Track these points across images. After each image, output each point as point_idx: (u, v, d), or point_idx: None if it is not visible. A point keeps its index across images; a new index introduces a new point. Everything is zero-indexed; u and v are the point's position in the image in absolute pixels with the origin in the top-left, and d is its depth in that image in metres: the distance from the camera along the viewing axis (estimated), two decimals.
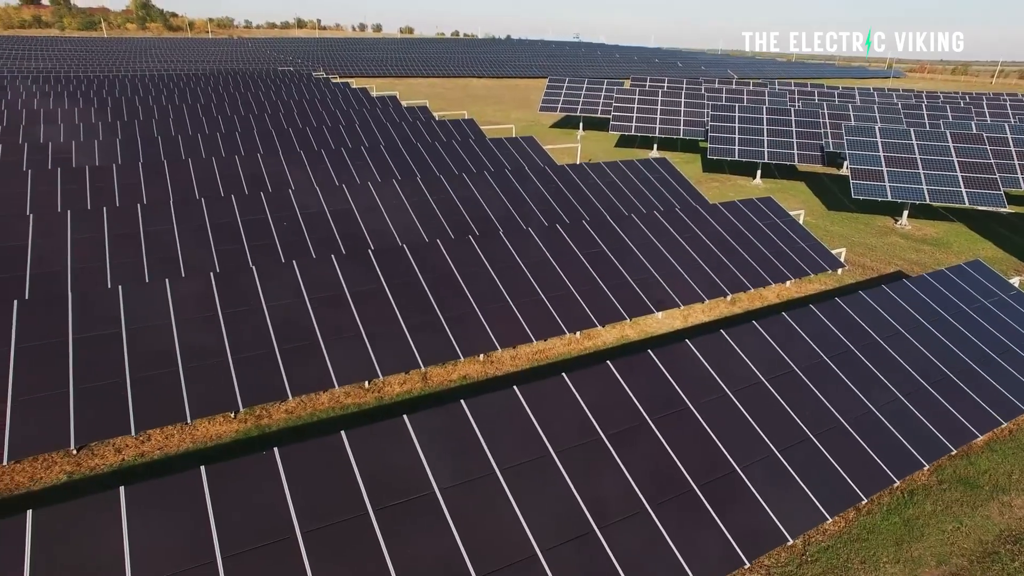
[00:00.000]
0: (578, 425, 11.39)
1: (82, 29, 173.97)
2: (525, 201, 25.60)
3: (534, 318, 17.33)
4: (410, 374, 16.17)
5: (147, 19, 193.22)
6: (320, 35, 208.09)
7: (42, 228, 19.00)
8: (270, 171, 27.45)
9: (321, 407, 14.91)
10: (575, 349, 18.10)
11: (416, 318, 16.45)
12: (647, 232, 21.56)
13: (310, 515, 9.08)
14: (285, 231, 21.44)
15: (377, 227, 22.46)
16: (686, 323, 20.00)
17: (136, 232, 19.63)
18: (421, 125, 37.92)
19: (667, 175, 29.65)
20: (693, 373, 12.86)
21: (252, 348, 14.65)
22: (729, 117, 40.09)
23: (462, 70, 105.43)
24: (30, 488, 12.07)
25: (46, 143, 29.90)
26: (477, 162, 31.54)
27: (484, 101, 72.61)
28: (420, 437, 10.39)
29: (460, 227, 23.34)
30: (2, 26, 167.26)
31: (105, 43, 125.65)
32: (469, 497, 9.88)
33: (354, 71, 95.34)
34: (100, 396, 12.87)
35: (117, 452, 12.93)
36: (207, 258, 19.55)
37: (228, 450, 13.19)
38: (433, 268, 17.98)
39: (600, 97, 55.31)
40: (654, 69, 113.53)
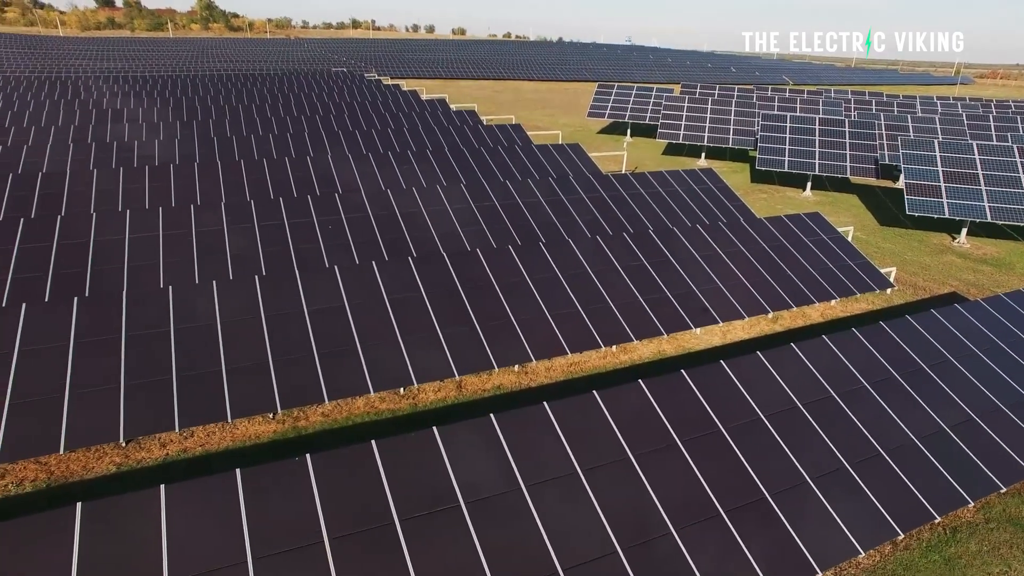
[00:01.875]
0: (607, 444, 11.38)
1: (150, 30, 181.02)
2: (568, 210, 25.60)
3: (570, 330, 17.36)
4: (445, 382, 16.39)
5: (210, 20, 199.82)
6: (374, 36, 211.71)
7: (103, 225, 19.92)
8: (319, 174, 28.13)
9: (357, 411, 15.24)
10: (610, 362, 18.04)
11: (453, 327, 16.66)
12: (689, 246, 21.33)
13: (338, 522, 9.34)
14: (330, 234, 21.96)
15: (419, 232, 22.80)
16: (725, 340, 19.72)
17: (188, 231, 20.41)
18: (468, 130, 38.26)
19: (713, 187, 29.24)
20: (726, 395, 12.69)
21: (292, 351, 15.08)
22: (780, 127, 39.27)
23: (512, 72, 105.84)
24: (83, 476, 12.71)
25: (112, 142, 31.30)
26: (522, 169, 31.67)
27: (533, 105, 72.74)
28: (449, 450, 10.56)
29: (502, 235, 23.51)
30: (81, 28, 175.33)
31: (171, 43, 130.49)
32: (495, 512, 9.99)
33: (405, 73, 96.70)
34: (148, 392, 13.46)
35: (162, 447, 13.50)
36: (254, 259, 20.18)
37: (266, 450, 13.62)
38: (472, 277, 18.17)
39: (649, 103, 54.84)
40: (706, 74, 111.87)
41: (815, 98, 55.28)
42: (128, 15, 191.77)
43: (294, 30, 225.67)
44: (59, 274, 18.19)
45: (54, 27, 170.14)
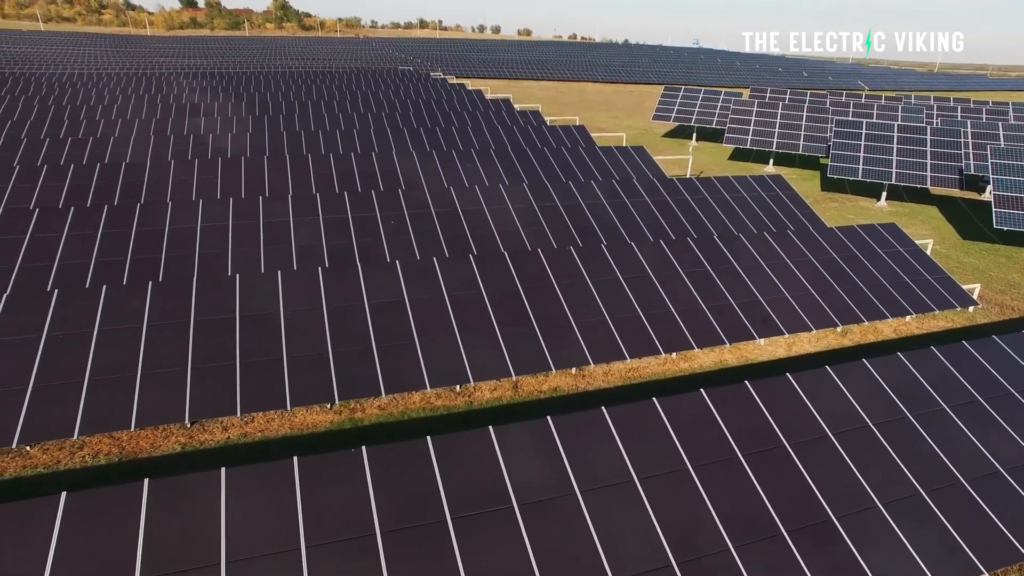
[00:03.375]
0: (664, 453, 11.08)
1: (228, 29, 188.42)
2: (631, 213, 25.21)
3: (630, 335, 17.05)
4: (501, 381, 16.34)
5: (284, 19, 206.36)
6: (440, 36, 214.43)
7: (178, 214, 20.72)
8: (383, 169, 28.56)
9: (413, 406, 15.35)
10: (670, 370, 17.65)
11: (511, 326, 16.59)
12: (755, 254, 20.66)
13: (391, 516, 9.37)
14: (392, 229, 22.23)
15: (480, 230, 22.84)
16: (790, 352, 19.03)
17: (256, 222, 21.01)
18: (532, 130, 38.20)
19: (781, 194, 28.29)
20: (792, 410, 12.19)
21: (352, 343, 15.30)
22: (854, 133, 37.73)
23: (577, 74, 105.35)
24: (151, 454, 13.21)
25: (189, 134, 32.61)
26: (585, 170, 31.39)
27: (597, 107, 72.19)
28: (504, 450, 10.47)
29: (563, 236, 23.33)
30: (166, 27, 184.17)
31: (247, 41, 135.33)
32: (547, 516, 9.85)
33: (470, 72, 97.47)
34: (212, 376, 13.88)
35: (224, 430, 13.90)
36: (318, 250, 20.61)
37: (322, 440, 13.86)
38: (532, 277, 18.07)
39: (716, 107, 53.61)
40: (776, 79, 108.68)
41: (893, 104, 52.95)
42: (209, 15, 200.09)
43: (363, 29, 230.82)
44: (136, 259, 19.01)
45: (143, 27, 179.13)
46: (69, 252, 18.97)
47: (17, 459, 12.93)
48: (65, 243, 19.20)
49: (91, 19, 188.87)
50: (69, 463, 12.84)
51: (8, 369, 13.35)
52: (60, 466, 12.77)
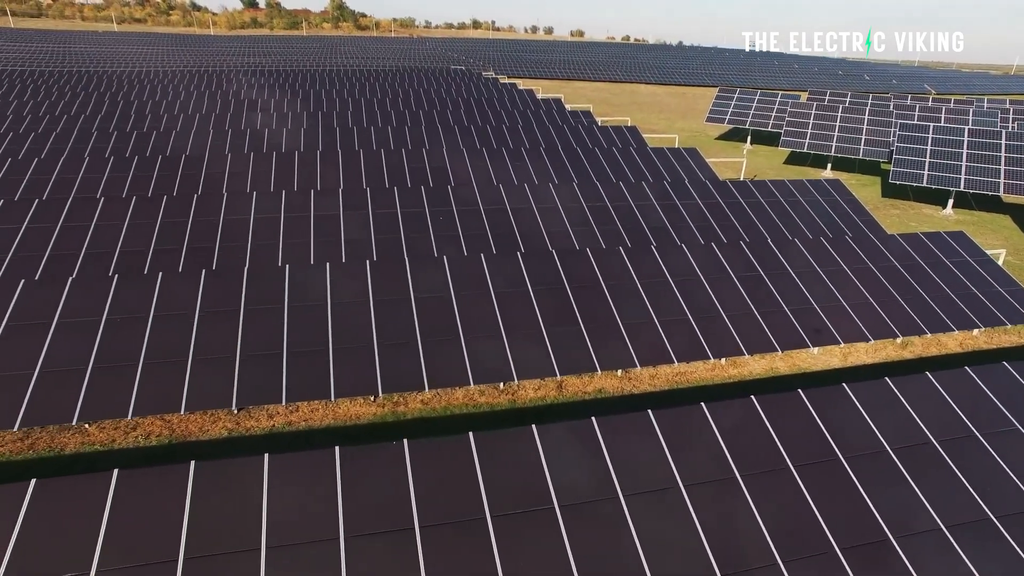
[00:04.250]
0: (711, 460, 10.73)
1: (287, 28, 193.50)
2: (682, 215, 24.71)
3: (678, 338, 16.65)
4: (545, 381, 16.17)
5: (340, 19, 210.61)
6: (493, 36, 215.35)
7: (232, 205, 21.21)
8: (433, 166, 28.71)
9: (456, 402, 15.31)
10: (718, 375, 17.18)
11: (557, 325, 16.40)
12: (811, 259, 19.96)
13: (430, 511, 9.29)
14: (440, 225, 22.29)
15: (529, 229, 22.71)
16: (845, 362, 18.32)
17: (307, 215, 21.34)
18: (583, 129, 37.90)
19: (839, 199, 27.32)
20: (848, 422, 11.66)
21: (397, 337, 15.34)
22: (920, 138, 36.21)
23: (629, 75, 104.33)
24: (199, 437, 13.51)
25: (245, 129, 33.44)
26: (636, 171, 30.95)
27: (649, 108, 71.32)
28: (547, 450, 10.29)
29: (612, 236, 23.01)
30: (228, 27, 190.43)
31: (304, 40, 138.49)
32: (589, 519, 9.63)
33: (522, 72, 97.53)
34: (260, 365, 14.10)
35: (269, 417, 14.12)
36: (366, 244, 20.80)
37: (365, 431, 13.94)
38: (580, 276, 17.84)
39: (772, 110, 52.27)
40: (836, 82, 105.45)
41: (964, 108, 50.71)
42: (269, 15, 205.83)
43: (417, 29, 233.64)
44: (192, 248, 19.53)
45: (207, 27, 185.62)
46: (130, 239, 19.61)
47: (76, 436, 13.39)
48: (127, 231, 19.85)
49: (160, 20, 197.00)
50: (123, 442, 13.23)
51: (71, 350, 13.84)
52: (115, 445, 13.17)
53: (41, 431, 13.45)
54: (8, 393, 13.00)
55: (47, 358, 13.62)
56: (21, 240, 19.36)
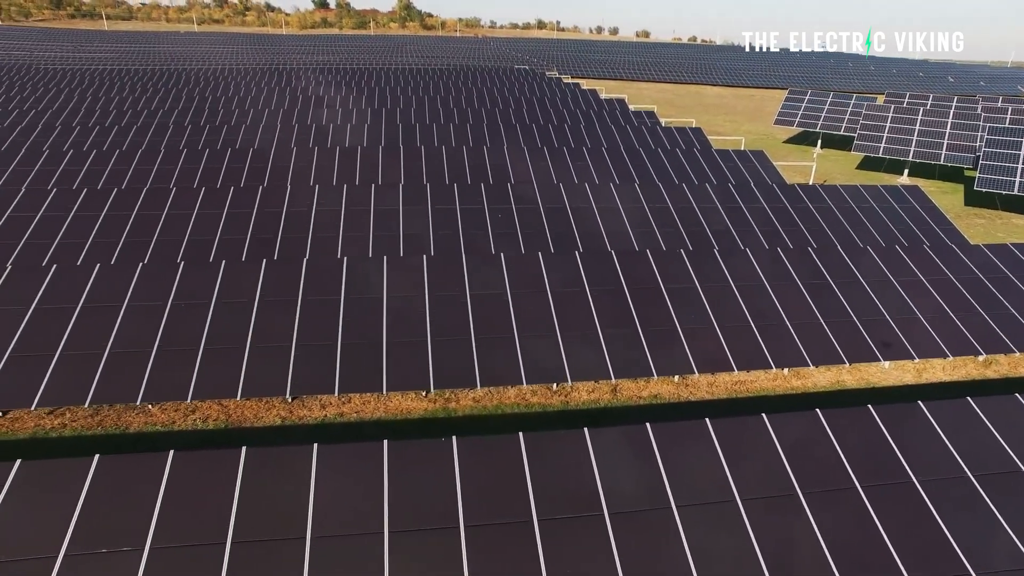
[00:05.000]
0: (771, 474, 10.22)
1: (355, 28, 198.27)
2: (746, 219, 23.89)
3: (739, 345, 16.03)
4: (599, 383, 15.84)
5: (407, 19, 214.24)
6: (558, 36, 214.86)
7: (295, 198, 21.65)
8: (493, 164, 28.67)
9: (507, 401, 15.14)
10: (780, 386, 16.48)
11: (614, 328, 16.03)
12: (884, 268, 18.94)
13: (476, 510, 9.13)
14: (499, 222, 22.19)
15: (588, 229, 22.37)
16: (920, 379, 17.28)
17: (367, 209, 21.58)
18: (646, 130, 37.22)
19: (917, 206, 25.90)
20: (924, 443, 10.92)
21: (451, 333, 15.28)
22: (1012, 142, 34.01)
23: (695, 77, 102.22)
24: (253, 424, 13.76)
25: (311, 124, 34.19)
26: (699, 173, 30.15)
27: (715, 110, 69.65)
28: (598, 454, 10.00)
29: (673, 238, 22.44)
30: (300, 27, 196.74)
31: (372, 40, 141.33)
32: (638, 528, 9.28)
33: (586, 73, 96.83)
34: (314, 355, 14.27)
35: (322, 408, 14.27)
36: (424, 239, 20.88)
37: (415, 426, 13.91)
38: (639, 278, 17.41)
39: (846, 113, 50.19)
40: (916, 84, 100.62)
41: None
42: (338, 15, 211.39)
43: (482, 29, 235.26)
44: (255, 238, 20.01)
45: (280, 27, 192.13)
46: (198, 228, 20.24)
47: (140, 415, 13.85)
48: (195, 220, 20.51)
49: (237, 20, 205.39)
50: (183, 424, 13.61)
51: (138, 332, 14.33)
52: (175, 426, 13.56)
53: (109, 409, 13.98)
54: (81, 371, 13.55)
55: (116, 339, 14.14)
56: (100, 226, 20.24)
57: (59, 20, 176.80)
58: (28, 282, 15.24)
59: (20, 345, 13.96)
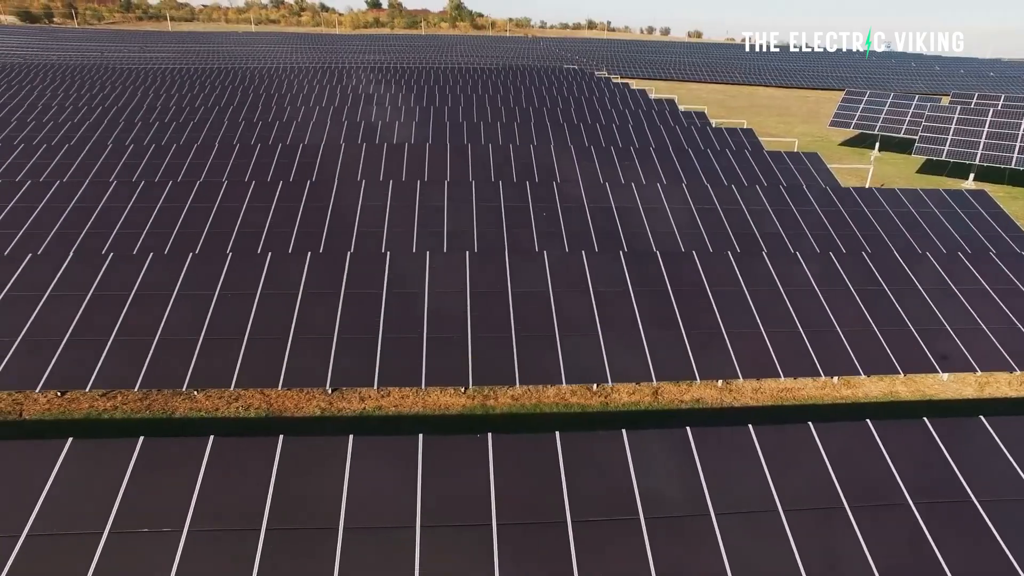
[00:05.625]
0: (817, 485, 9.82)
1: (407, 28, 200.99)
2: (797, 222, 23.17)
3: (786, 351, 15.52)
4: (641, 386, 15.55)
5: (457, 19, 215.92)
6: (608, 36, 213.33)
7: (342, 192, 21.94)
8: (539, 162, 28.54)
9: (546, 400, 15.00)
10: (829, 395, 15.89)
11: (657, 329, 15.72)
12: (944, 276, 18.08)
13: (509, 509, 9.02)
14: (543, 221, 22.04)
15: (633, 229, 22.04)
16: (981, 393, 16.44)
17: (412, 204, 21.71)
18: (695, 131, 36.54)
19: (983, 211, 24.68)
20: (985, 460, 10.34)
21: (491, 330, 15.21)
22: None
23: (748, 77, 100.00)
24: (293, 413, 13.96)
25: (360, 121, 34.66)
26: (750, 174, 29.42)
27: (768, 111, 67.99)
28: (635, 457, 9.77)
29: (720, 240, 21.92)
30: (353, 27, 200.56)
31: (422, 39, 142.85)
32: (675, 535, 9.03)
33: (636, 73, 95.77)
34: (355, 348, 14.39)
35: (361, 400, 14.37)
36: (468, 236, 20.88)
37: (452, 422, 13.89)
38: (684, 280, 17.04)
39: (907, 114, 48.29)
40: (985, 84, 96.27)
41: None
42: (390, 15, 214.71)
43: (532, 29, 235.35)
44: (302, 231, 20.35)
45: (333, 27, 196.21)
46: (247, 221, 20.70)
47: (186, 401, 14.21)
48: (244, 213, 20.98)
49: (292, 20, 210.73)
50: (226, 411, 13.90)
51: (186, 321, 14.71)
52: (218, 413, 13.86)
53: (157, 394, 14.38)
54: (132, 356, 13.97)
55: (166, 327, 14.53)
56: (155, 218, 20.88)
57: (128, 22, 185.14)
58: (86, 270, 15.81)
59: (77, 330, 14.48)
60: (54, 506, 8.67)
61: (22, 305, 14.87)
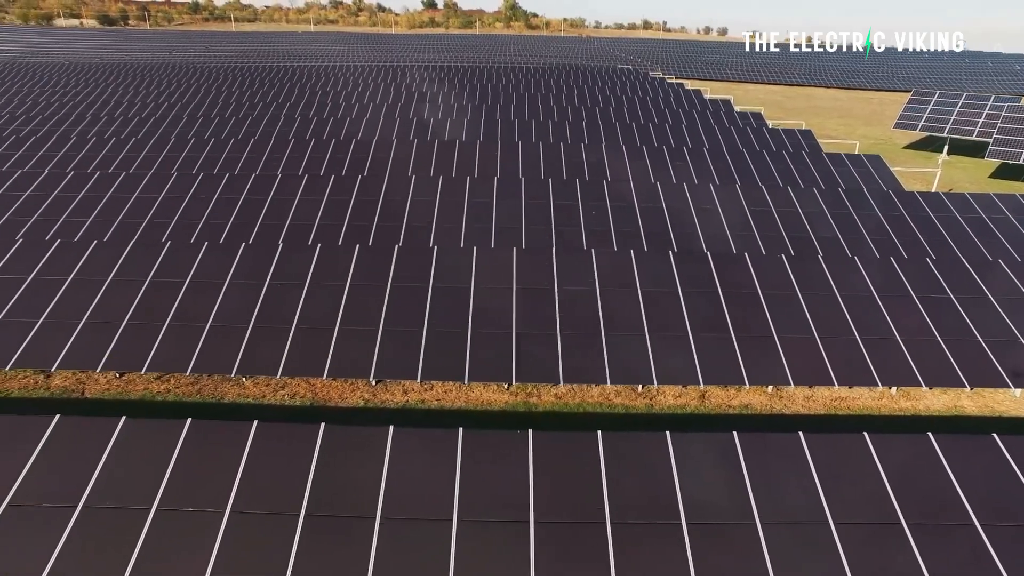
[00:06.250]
0: (871, 500, 9.36)
1: (461, 27, 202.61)
2: (856, 226, 22.30)
3: (841, 359, 14.91)
4: (687, 389, 15.19)
5: (512, 19, 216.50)
6: (663, 36, 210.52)
7: (393, 187, 22.14)
8: (590, 160, 28.26)
9: (590, 400, 14.79)
10: (886, 406, 15.20)
11: (706, 331, 15.32)
12: (1020, 285, 17.09)
13: (547, 507, 8.88)
14: (593, 219, 21.79)
15: (684, 229, 21.58)
16: None
17: (462, 200, 21.75)
18: (751, 131, 35.63)
19: None
20: None
21: (536, 327, 15.08)
22: None
23: (807, 78, 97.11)
24: (337, 403, 14.12)
25: (413, 118, 35.02)
26: (807, 176, 28.49)
27: (828, 113, 65.87)
28: (679, 460, 9.50)
29: (774, 243, 21.26)
30: (408, 26, 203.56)
31: (477, 39, 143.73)
32: (718, 542, 8.72)
33: (691, 73, 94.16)
34: (399, 340, 14.46)
35: (404, 393, 14.43)
36: (516, 233, 20.80)
37: (495, 418, 13.81)
38: (735, 282, 16.57)
39: (980, 116, 46.03)
40: None
41: None
42: (445, 15, 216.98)
43: (587, 29, 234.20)
44: (352, 225, 20.62)
45: (390, 27, 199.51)
46: (299, 213, 21.10)
47: (235, 387, 14.54)
48: (297, 205, 21.39)
49: (350, 20, 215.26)
50: (272, 399, 14.15)
51: (237, 309, 15.05)
52: (265, 400, 14.12)
53: (207, 379, 14.76)
54: (185, 341, 14.38)
55: (217, 314, 14.90)
56: (212, 209, 21.48)
57: (196, 23, 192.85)
58: (145, 258, 16.35)
59: (136, 314, 14.99)
60: (108, 479, 8.95)
61: (88, 289, 15.50)
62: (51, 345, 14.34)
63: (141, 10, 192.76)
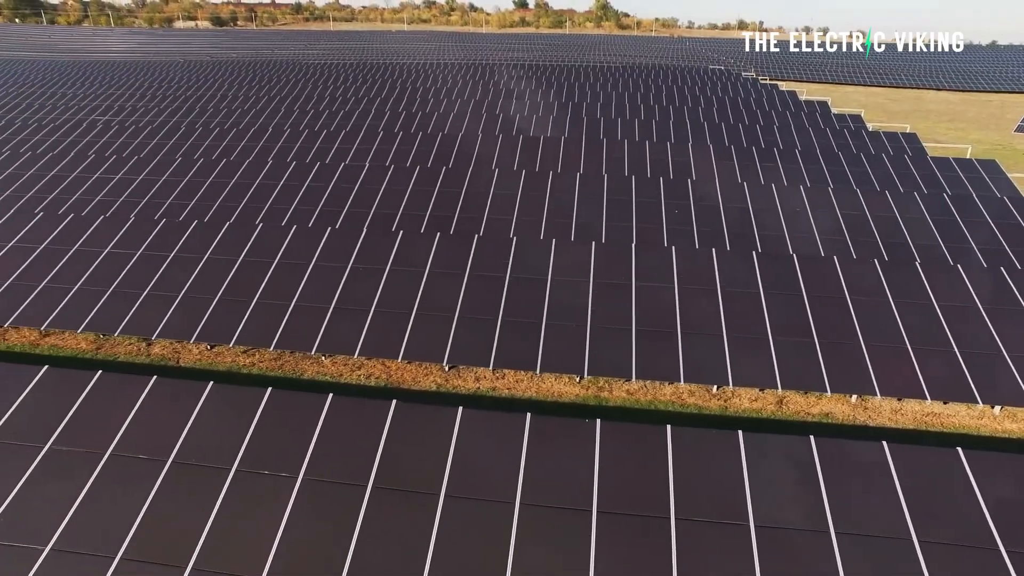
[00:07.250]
0: (962, 519, 8.73)
1: (551, 27, 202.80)
2: (962, 234, 20.83)
3: (936, 372, 13.98)
4: (764, 392, 14.64)
5: (603, 18, 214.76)
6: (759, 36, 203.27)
7: (475, 180, 22.45)
8: (675, 160, 27.69)
9: (662, 398, 14.50)
10: (986, 426, 14.12)
11: (787, 335, 14.73)
12: None
13: (611, 498, 8.78)
14: (675, 218, 21.36)
15: (770, 232, 20.80)
16: None
17: (543, 194, 21.79)
18: (848, 134, 33.94)
19: None
20: None
21: (611, 322, 14.93)
22: None
23: (914, 80, 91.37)
24: (410, 386, 14.44)
25: (499, 114, 35.37)
26: (908, 181, 26.86)
27: (936, 116, 61.77)
28: (751, 461, 9.17)
29: (867, 249, 20.17)
30: (499, 26, 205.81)
31: (566, 38, 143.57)
32: (787, 548, 8.36)
33: (786, 75, 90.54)
34: (474, 328, 14.65)
35: (476, 380, 14.60)
36: (596, 228, 20.65)
37: (564, 410, 13.75)
38: (821, 286, 15.84)
39: None
40: None
41: None
42: (536, 14, 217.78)
43: (679, 29, 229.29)
44: (434, 215, 21.06)
45: (481, 26, 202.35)
46: (384, 202, 21.74)
47: (314, 365, 15.13)
48: (382, 195, 22.05)
49: (442, 20, 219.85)
50: (349, 378, 14.63)
51: (320, 289, 15.68)
52: (342, 378, 14.62)
53: (289, 355, 15.43)
54: (270, 319, 15.12)
55: (302, 294, 15.58)
56: (302, 195, 22.46)
57: (297, 23, 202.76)
58: (238, 238, 17.28)
59: (228, 290, 15.88)
60: (194, 439, 9.54)
61: (185, 266, 16.55)
62: (153, 316, 15.42)
63: (249, 11, 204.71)
